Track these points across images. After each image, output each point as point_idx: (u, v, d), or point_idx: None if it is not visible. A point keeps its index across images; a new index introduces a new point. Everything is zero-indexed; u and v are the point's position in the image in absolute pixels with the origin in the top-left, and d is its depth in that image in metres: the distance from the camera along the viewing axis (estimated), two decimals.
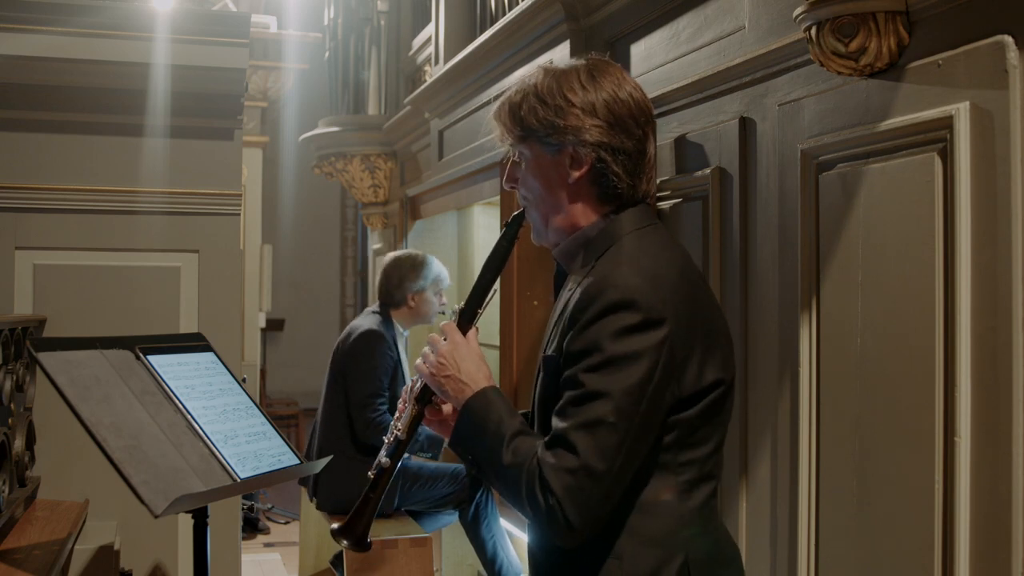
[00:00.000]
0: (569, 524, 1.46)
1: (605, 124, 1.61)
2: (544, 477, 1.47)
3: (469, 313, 1.73)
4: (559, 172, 1.64)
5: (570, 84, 1.63)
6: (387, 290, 4.20)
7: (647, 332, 1.48)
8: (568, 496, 1.45)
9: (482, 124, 4.20)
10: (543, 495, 1.47)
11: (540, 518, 1.48)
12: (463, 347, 1.67)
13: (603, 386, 1.47)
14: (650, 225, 1.65)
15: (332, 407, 4.14)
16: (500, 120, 1.70)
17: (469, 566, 4.62)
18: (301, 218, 11.06)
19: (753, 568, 2.34)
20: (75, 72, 3.04)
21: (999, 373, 1.68)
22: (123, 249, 3.14)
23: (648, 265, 1.55)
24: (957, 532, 1.75)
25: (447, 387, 1.66)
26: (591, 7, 3.10)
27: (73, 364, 2.08)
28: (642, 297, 1.50)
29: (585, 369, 1.49)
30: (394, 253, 4.37)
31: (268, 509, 6.91)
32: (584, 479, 1.45)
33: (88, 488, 2.95)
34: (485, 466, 1.58)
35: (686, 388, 1.53)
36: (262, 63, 5.91)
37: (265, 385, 9.58)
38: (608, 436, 1.46)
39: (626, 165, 1.63)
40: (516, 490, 1.51)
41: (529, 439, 1.54)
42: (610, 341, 1.48)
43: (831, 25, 1.91)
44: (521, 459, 1.51)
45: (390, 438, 1.78)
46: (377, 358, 4.03)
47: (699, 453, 1.58)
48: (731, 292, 2.41)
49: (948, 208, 1.78)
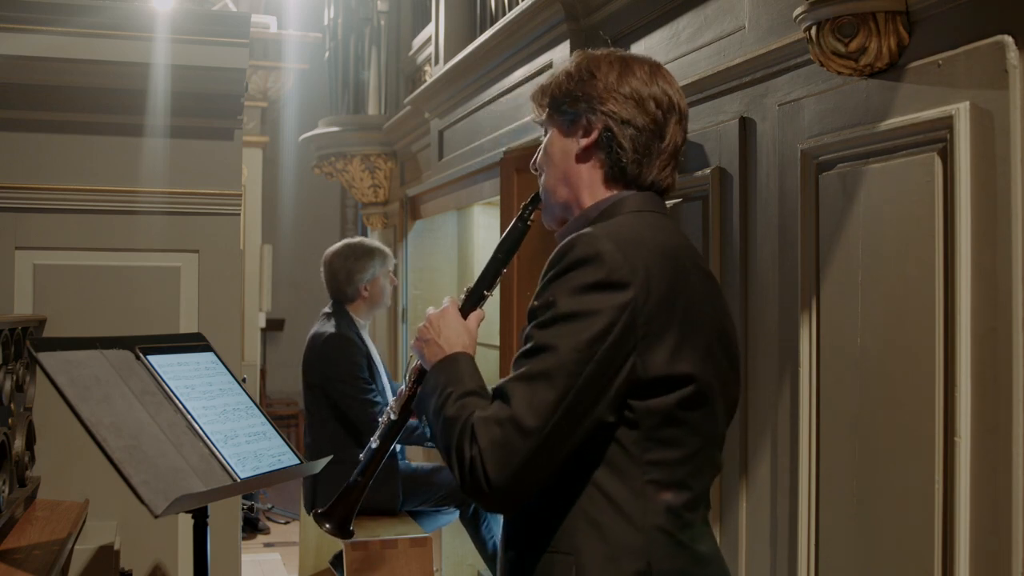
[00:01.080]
0: (488, 480, 1.37)
1: (621, 96, 1.59)
2: (474, 428, 1.40)
3: (476, 294, 1.70)
4: (571, 143, 1.63)
5: (598, 64, 1.63)
6: (337, 287, 4.05)
7: (606, 292, 1.42)
8: (491, 448, 1.38)
9: (482, 124, 4.20)
10: (469, 447, 1.40)
11: (464, 474, 1.41)
12: (449, 315, 1.65)
13: (550, 340, 1.41)
14: (652, 211, 1.60)
15: (317, 419, 4.05)
16: (534, 99, 1.70)
17: (469, 566, 4.62)
18: (301, 218, 11.06)
19: (753, 568, 2.34)
20: (75, 72, 3.04)
21: (999, 373, 1.68)
22: (123, 249, 3.14)
23: (626, 234, 1.50)
24: (957, 532, 1.75)
25: (425, 351, 1.63)
26: (591, 7, 3.10)
27: (73, 364, 2.08)
28: (608, 257, 1.44)
29: (538, 325, 1.44)
30: (332, 248, 4.17)
31: (268, 509, 6.91)
32: (511, 432, 1.38)
33: (88, 488, 2.95)
34: (433, 421, 1.52)
35: (651, 369, 1.44)
36: (262, 63, 5.92)
37: (265, 385, 9.58)
38: (545, 391, 1.39)
39: (635, 140, 1.59)
40: (448, 443, 1.44)
41: (481, 399, 1.48)
42: (566, 296, 1.43)
43: (831, 25, 1.91)
44: (463, 413, 1.45)
45: (384, 419, 1.75)
46: (349, 359, 3.92)
47: (668, 455, 1.49)
48: (731, 292, 2.41)
49: (948, 208, 1.78)
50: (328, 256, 4.11)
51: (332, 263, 4.07)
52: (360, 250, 4.07)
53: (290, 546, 6.00)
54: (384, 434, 1.74)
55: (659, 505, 1.48)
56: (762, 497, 2.32)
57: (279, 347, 11.19)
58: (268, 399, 9.97)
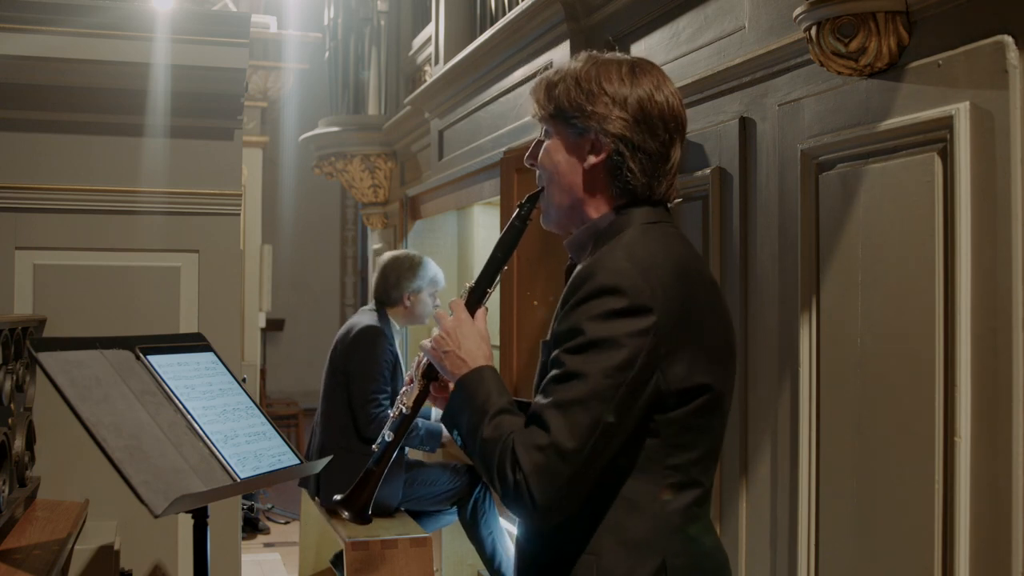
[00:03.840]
0: (534, 502, 1.45)
1: (631, 119, 1.61)
2: (515, 452, 1.47)
3: (479, 292, 1.73)
4: (578, 155, 1.65)
5: (608, 74, 1.63)
6: (384, 289, 4.23)
7: (631, 318, 1.48)
8: (535, 473, 1.45)
9: (482, 124, 4.20)
10: (512, 471, 1.47)
11: (508, 493, 1.48)
12: (466, 324, 1.68)
13: (582, 367, 1.47)
14: (661, 223, 1.64)
15: (332, 405, 4.14)
16: (535, 95, 1.70)
17: (469, 566, 4.62)
18: (301, 218, 11.06)
19: (753, 568, 2.34)
20: (75, 72, 3.04)
21: (999, 373, 1.68)
22: (123, 249, 3.14)
23: (642, 256, 1.55)
24: (957, 532, 1.75)
25: (446, 363, 1.66)
26: (591, 7, 3.10)
27: (73, 364, 2.08)
28: (630, 283, 1.49)
29: (567, 350, 1.50)
30: (392, 252, 4.39)
31: (268, 509, 6.91)
32: (553, 457, 1.45)
33: (88, 488, 2.95)
34: (467, 440, 1.58)
35: (672, 383, 1.52)
36: (262, 63, 5.92)
37: (265, 385, 9.57)
38: (581, 416, 1.46)
39: (644, 164, 1.62)
40: (490, 464, 1.51)
41: (513, 417, 1.54)
42: (593, 323, 1.48)
43: (831, 25, 1.91)
44: (499, 434, 1.51)
45: (395, 413, 1.78)
46: (379, 353, 4.05)
47: (685, 458, 1.57)
48: (731, 292, 2.41)
49: (948, 208, 1.78)
50: (385, 259, 4.32)
51: (387, 265, 4.27)
52: (416, 262, 4.27)
53: (290, 546, 6.00)
54: (396, 426, 1.77)
55: (677, 505, 1.56)
56: (762, 497, 2.32)
57: (279, 347, 11.20)
58: (268, 399, 9.97)
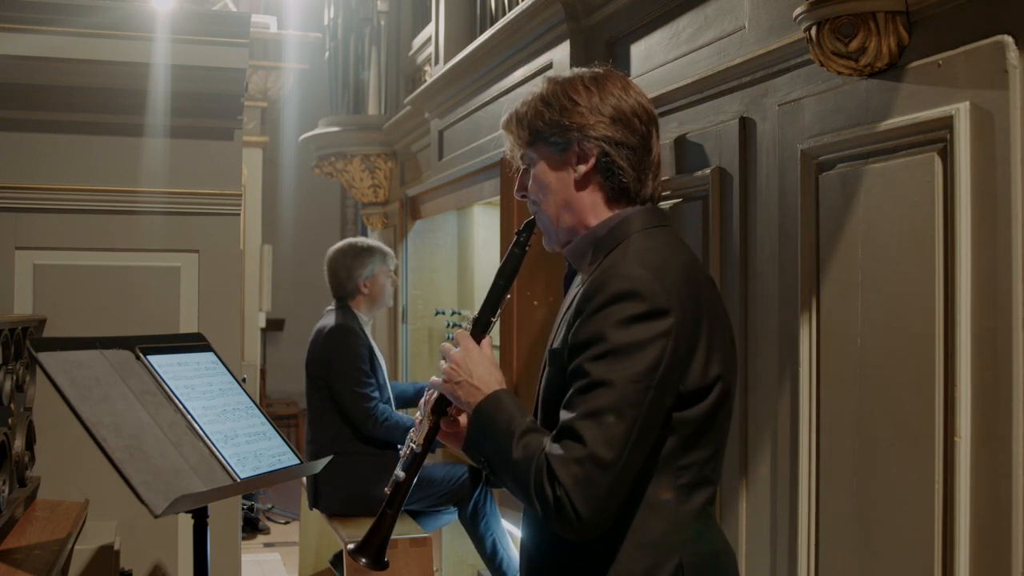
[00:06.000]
0: (578, 515, 1.44)
1: (609, 120, 1.63)
2: (552, 469, 1.45)
3: (483, 322, 1.75)
4: (566, 170, 1.67)
5: (574, 87, 1.66)
6: (338, 283, 4.21)
7: (652, 321, 1.48)
8: (576, 486, 1.43)
9: (482, 124, 4.20)
10: (551, 487, 1.45)
11: (549, 511, 1.47)
12: (475, 353, 1.69)
13: (608, 375, 1.47)
14: (659, 226, 1.66)
15: (318, 412, 4.12)
16: (508, 129, 1.73)
17: (469, 566, 4.61)
18: (301, 218, 11.06)
19: (753, 568, 2.34)
20: (75, 72, 3.04)
21: (999, 373, 1.68)
22: (123, 249, 3.14)
23: (653, 259, 1.56)
24: (957, 532, 1.75)
25: (459, 393, 1.67)
26: (591, 7, 3.10)
27: (73, 364, 2.08)
28: (646, 287, 1.50)
29: (590, 359, 1.49)
30: (335, 246, 4.35)
31: (268, 509, 6.91)
32: (592, 468, 1.44)
33: (88, 488, 2.95)
34: (496, 465, 1.58)
35: (691, 383, 1.53)
36: (262, 63, 5.92)
37: (265, 385, 9.58)
38: (615, 425, 1.45)
39: (631, 159, 1.64)
40: (525, 485, 1.50)
41: (539, 435, 1.54)
42: (614, 330, 1.48)
43: (831, 25, 1.91)
44: (530, 453, 1.50)
45: (406, 452, 1.78)
46: (351, 349, 4.04)
47: (698, 456, 1.58)
48: (731, 292, 2.41)
49: (948, 208, 1.78)
50: (330, 254, 4.27)
51: (334, 260, 4.23)
52: (360, 247, 4.23)
53: (290, 546, 5.99)
54: (407, 465, 1.77)
55: (692, 505, 1.58)
56: (762, 497, 2.32)
57: (279, 347, 11.19)
58: (268, 399, 9.97)
